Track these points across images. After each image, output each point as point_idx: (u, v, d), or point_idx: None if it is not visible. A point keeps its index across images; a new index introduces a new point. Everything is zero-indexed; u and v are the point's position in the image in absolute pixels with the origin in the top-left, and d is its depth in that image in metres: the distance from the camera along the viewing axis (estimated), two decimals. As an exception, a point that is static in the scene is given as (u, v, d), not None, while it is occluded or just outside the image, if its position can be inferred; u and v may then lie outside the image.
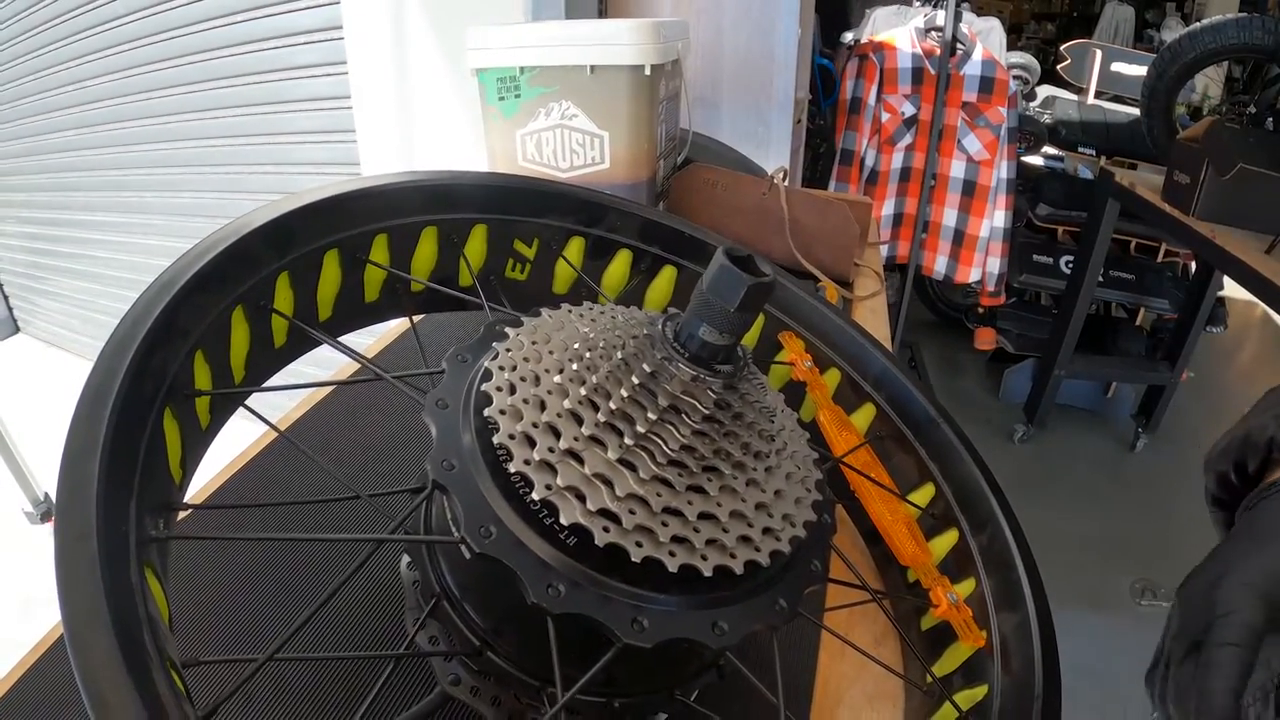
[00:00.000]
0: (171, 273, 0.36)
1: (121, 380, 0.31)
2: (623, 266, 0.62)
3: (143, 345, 0.33)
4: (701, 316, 0.32)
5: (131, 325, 0.33)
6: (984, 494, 0.52)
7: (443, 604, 0.36)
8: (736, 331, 0.32)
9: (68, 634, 0.24)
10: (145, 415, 0.32)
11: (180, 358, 0.35)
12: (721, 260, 0.30)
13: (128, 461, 0.30)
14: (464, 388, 0.34)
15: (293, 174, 2.54)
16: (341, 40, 2.02)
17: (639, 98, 0.99)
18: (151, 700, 0.23)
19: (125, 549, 0.27)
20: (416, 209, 0.51)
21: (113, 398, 0.30)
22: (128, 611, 0.25)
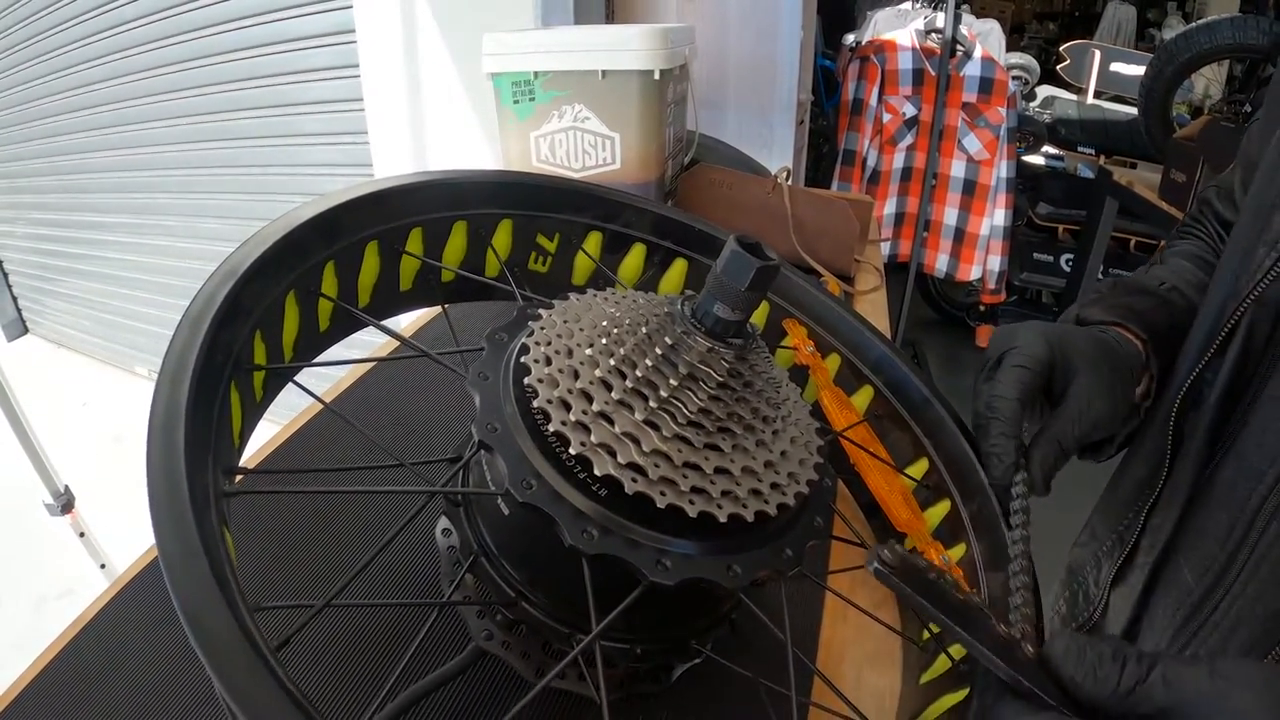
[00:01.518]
0: (236, 259, 0.40)
1: (198, 351, 0.35)
2: (637, 259, 0.66)
3: (214, 321, 0.37)
4: (716, 295, 0.36)
5: (205, 303, 0.37)
6: (974, 467, 0.57)
7: (480, 560, 0.40)
8: (746, 309, 0.36)
9: (167, 566, 0.28)
10: (217, 384, 0.36)
11: (243, 335, 0.40)
12: (733, 246, 0.35)
13: (206, 423, 0.34)
14: (502, 361, 0.38)
15: (305, 175, 2.59)
16: (354, 44, 2.07)
17: (648, 101, 1.04)
18: (241, 623, 0.27)
19: (208, 499, 0.31)
20: (448, 204, 0.55)
21: (192, 366, 0.34)
22: (215, 550, 0.29)
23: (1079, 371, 0.55)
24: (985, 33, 2.81)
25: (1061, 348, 0.55)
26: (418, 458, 0.64)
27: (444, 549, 0.46)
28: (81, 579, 2.39)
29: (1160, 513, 0.61)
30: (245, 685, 0.24)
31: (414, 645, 0.35)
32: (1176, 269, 0.70)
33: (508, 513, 0.38)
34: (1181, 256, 0.72)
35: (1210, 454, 0.57)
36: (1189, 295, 0.67)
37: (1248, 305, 0.53)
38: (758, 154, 1.99)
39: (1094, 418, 0.54)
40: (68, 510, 1.75)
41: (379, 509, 0.58)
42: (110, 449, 3.30)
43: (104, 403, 3.68)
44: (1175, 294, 0.67)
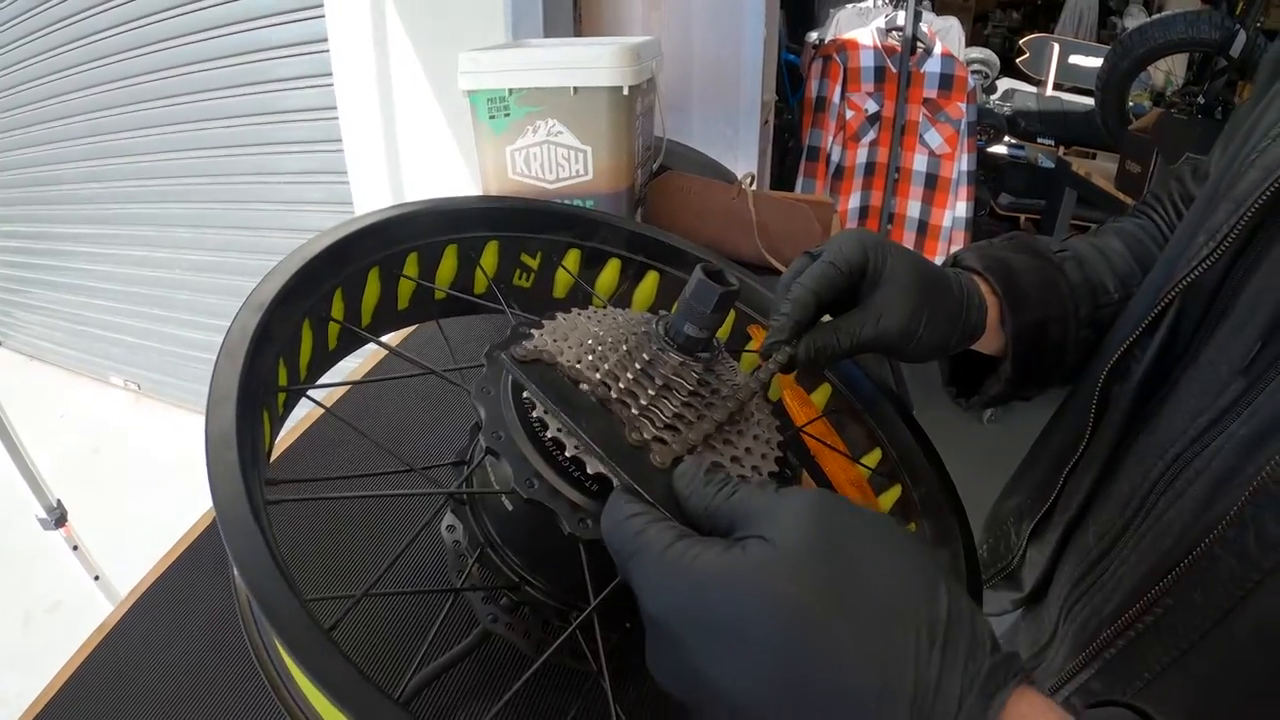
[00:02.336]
0: (262, 292, 0.45)
1: (239, 379, 0.40)
2: (613, 273, 0.72)
3: (249, 351, 0.42)
4: (685, 317, 0.42)
5: (240, 335, 0.43)
6: (921, 455, 0.63)
7: (487, 551, 0.46)
8: (712, 328, 0.42)
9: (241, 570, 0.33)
10: (255, 407, 0.41)
11: (271, 361, 0.45)
12: (699, 276, 0.41)
13: (249, 442, 0.39)
14: (501, 377, 0.44)
15: (277, 183, 2.61)
16: (327, 53, 2.10)
17: (618, 115, 1.09)
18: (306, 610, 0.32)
19: (259, 510, 0.36)
20: (441, 229, 0.61)
21: (235, 393, 0.39)
22: (275, 552, 0.34)
23: (885, 287, 0.57)
24: (945, 30, 2.88)
25: (878, 259, 0.57)
26: (414, 458, 0.70)
27: (449, 543, 0.52)
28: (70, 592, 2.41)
29: (1078, 476, 0.65)
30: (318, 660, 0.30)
31: (434, 628, 0.41)
32: (1102, 244, 0.72)
33: (511, 508, 0.44)
34: (1116, 234, 0.74)
35: (1128, 427, 0.60)
36: (1090, 270, 0.69)
37: (1180, 289, 0.55)
38: (723, 155, 2.05)
39: (883, 330, 0.56)
40: (61, 524, 1.78)
41: (387, 509, 0.64)
42: (89, 460, 3.30)
43: (80, 414, 3.68)
44: (1071, 263, 0.68)
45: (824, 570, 0.31)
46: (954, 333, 0.61)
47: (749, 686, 0.31)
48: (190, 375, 3.36)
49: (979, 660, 0.29)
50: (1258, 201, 0.49)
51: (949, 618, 0.30)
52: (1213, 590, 0.47)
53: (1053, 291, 0.66)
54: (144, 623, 0.60)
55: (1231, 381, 0.51)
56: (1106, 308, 0.69)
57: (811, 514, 0.33)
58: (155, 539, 2.32)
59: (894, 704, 0.28)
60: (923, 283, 0.58)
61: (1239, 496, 0.46)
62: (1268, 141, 0.51)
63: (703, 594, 0.32)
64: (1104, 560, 0.59)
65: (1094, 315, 0.68)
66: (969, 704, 0.28)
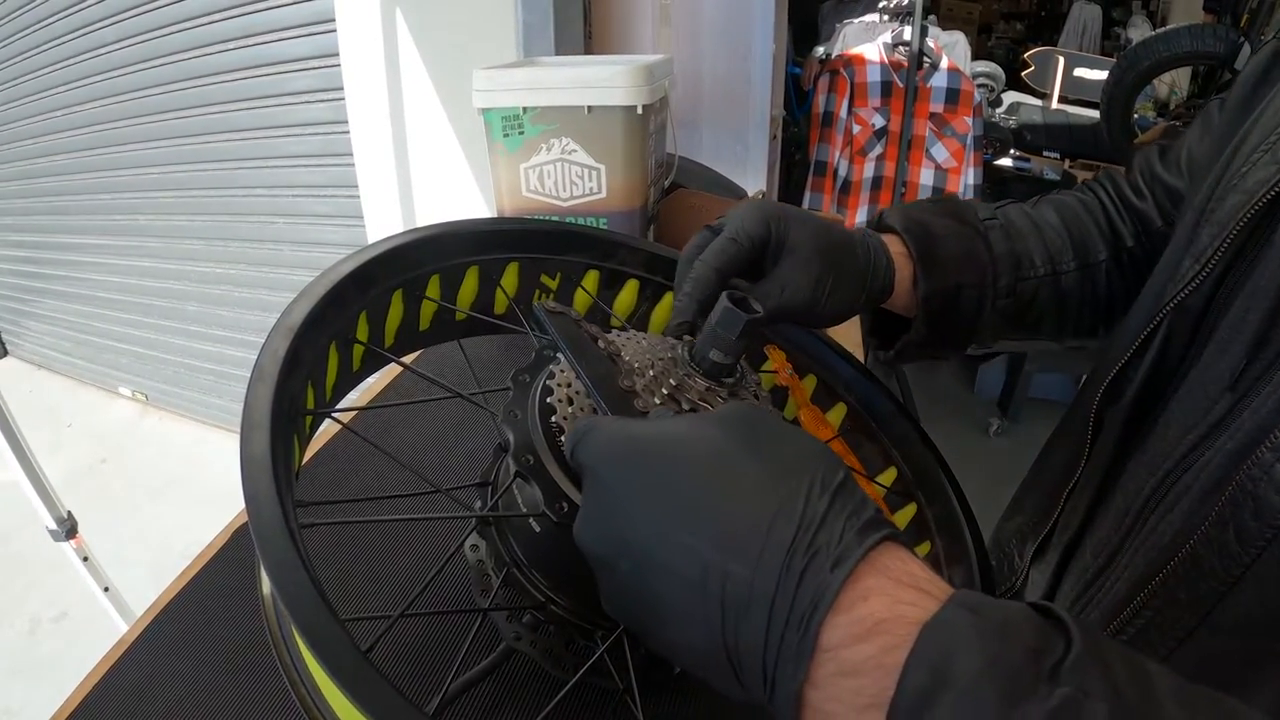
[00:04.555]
0: (293, 316, 0.46)
1: (273, 402, 0.41)
2: (631, 294, 0.72)
3: (280, 375, 0.43)
4: (711, 344, 0.43)
5: (271, 359, 0.43)
6: (937, 474, 0.64)
7: (513, 571, 0.47)
8: (737, 354, 0.43)
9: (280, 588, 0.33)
10: (287, 430, 0.42)
11: (300, 385, 0.46)
12: (725, 303, 0.42)
13: (283, 465, 0.40)
14: (528, 401, 0.45)
15: (286, 196, 2.63)
16: (338, 68, 2.12)
17: (632, 134, 1.10)
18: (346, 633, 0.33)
19: (295, 534, 0.37)
20: (463, 252, 0.61)
21: (269, 416, 0.40)
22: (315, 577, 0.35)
23: (788, 258, 0.59)
24: (951, 44, 2.91)
25: (780, 230, 0.59)
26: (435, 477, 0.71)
27: (473, 562, 0.53)
28: (77, 602, 2.42)
29: (1076, 497, 0.67)
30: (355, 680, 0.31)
31: (464, 647, 0.41)
32: (1037, 215, 0.73)
33: (538, 530, 0.44)
34: (1054, 207, 0.75)
35: (1122, 446, 0.62)
36: (1017, 241, 0.71)
37: (1168, 312, 0.57)
38: (733, 171, 2.06)
39: (786, 301, 0.59)
40: (72, 535, 1.79)
41: (412, 529, 0.65)
42: (98, 470, 3.32)
43: (87, 424, 3.69)
44: (997, 233, 0.70)
45: (743, 428, 0.36)
46: (859, 297, 0.63)
47: (669, 517, 0.34)
48: (198, 386, 3.37)
49: (862, 514, 0.33)
50: (1239, 224, 0.52)
51: (842, 482, 0.34)
52: (1197, 588, 0.49)
53: (971, 259, 0.68)
54: (159, 645, 0.61)
55: (1219, 399, 0.52)
56: (1029, 280, 0.70)
57: (740, 405, 0.39)
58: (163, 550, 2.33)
59: (785, 525, 0.32)
60: (825, 251, 0.60)
61: (1220, 500, 0.48)
62: (1248, 167, 0.53)
63: (636, 442, 0.37)
64: (1101, 577, 0.61)
65: (1014, 287, 0.69)
66: (848, 539, 0.32)
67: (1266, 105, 0.56)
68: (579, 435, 0.39)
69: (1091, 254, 0.73)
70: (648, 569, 0.34)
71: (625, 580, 0.36)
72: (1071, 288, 0.72)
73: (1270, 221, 0.51)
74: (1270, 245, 0.51)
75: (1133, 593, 0.55)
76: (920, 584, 0.31)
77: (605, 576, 0.37)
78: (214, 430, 3.41)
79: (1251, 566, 0.46)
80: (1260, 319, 0.50)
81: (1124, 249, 0.73)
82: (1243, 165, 0.54)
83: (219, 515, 0.70)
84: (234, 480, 0.37)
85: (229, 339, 3.11)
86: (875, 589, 0.31)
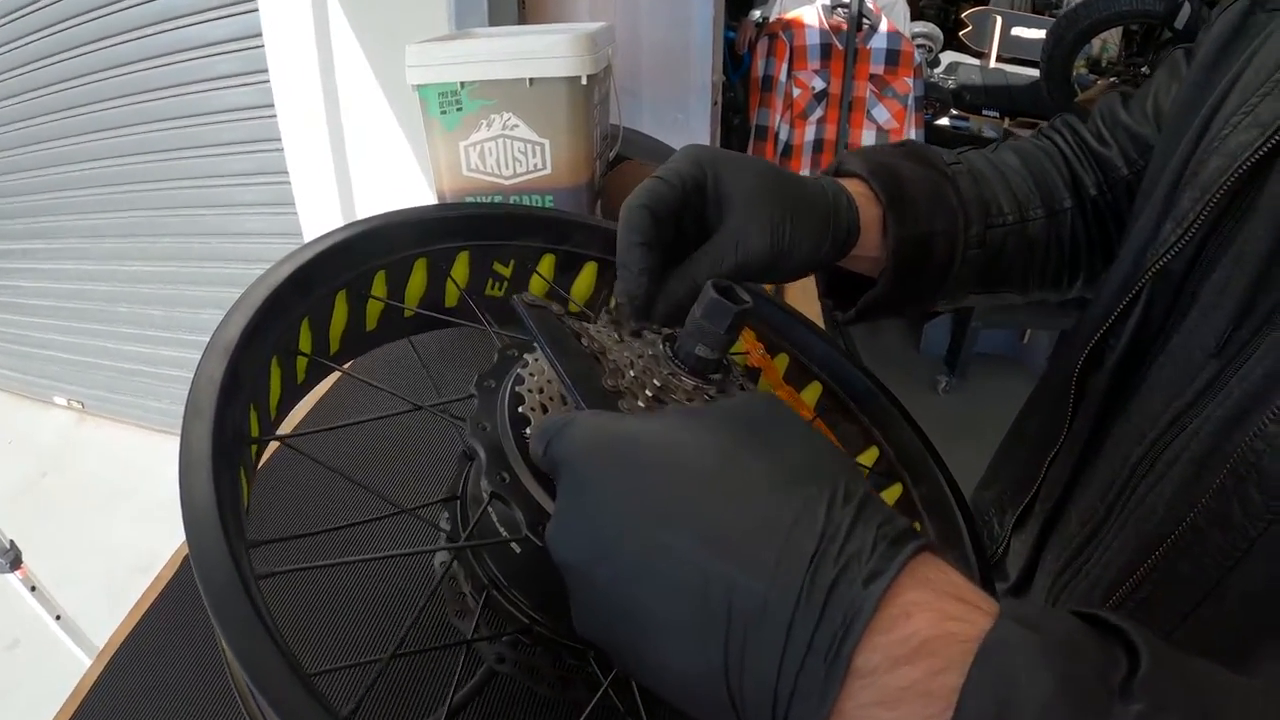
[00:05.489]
0: (228, 333, 0.41)
1: (213, 436, 0.36)
2: (589, 278, 0.68)
3: (219, 404, 0.37)
4: (696, 338, 0.39)
5: (207, 386, 0.38)
6: (921, 452, 0.61)
7: (493, 593, 0.43)
8: (725, 348, 0.39)
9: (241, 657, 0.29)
10: (232, 464, 0.37)
11: (242, 409, 0.41)
12: (711, 294, 0.38)
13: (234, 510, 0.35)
14: (496, 410, 0.41)
15: (215, 186, 2.53)
16: (261, 49, 2.02)
17: (576, 106, 1.06)
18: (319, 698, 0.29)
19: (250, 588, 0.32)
20: (410, 243, 0.57)
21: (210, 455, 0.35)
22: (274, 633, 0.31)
23: (734, 207, 0.52)
24: (889, 5, 2.89)
25: (716, 172, 0.52)
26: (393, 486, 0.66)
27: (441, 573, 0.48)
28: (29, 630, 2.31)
29: (1058, 465, 0.66)
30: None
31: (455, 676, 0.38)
32: (999, 160, 0.70)
33: (519, 550, 0.40)
34: (1015, 151, 0.71)
35: (1105, 414, 0.61)
36: (984, 186, 0.66)
37: (1149, 277, 0.56)
38: (675, 139, 2.02)
39: (745, 257, 0.51)
40: (16, 566, 1.70)
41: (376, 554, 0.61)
42: (38, 485, 3.19)
43: (23, 437, 3.55)
44: (965, 177, 0.65)
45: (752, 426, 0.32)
46: (823, 242, 0.55)
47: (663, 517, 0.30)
48: (136, 390, 3.25)
49: (894, 524, 0.29)
50: (1222, 188, 0.51)
51: (867, 493, 0.30)
52: (1201, 562, 0.48)
53: (942, 204, 0.62)
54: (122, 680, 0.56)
55: (1205, 365, 0.52)
56: (997, 228, 0.66)
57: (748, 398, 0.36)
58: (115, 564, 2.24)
59: (805, 534, 0.28)
60: (773, 191, 0.53)
61: (1220, 471, 0.48)
62: (1229, 130, 0.52)
63: (623, 436, 0.33)
64: (1088, 547, 0.60)
65: (984, 235, 0.65)
66: (881, 549, 0.28)
67: (1244, 66, 0.55)
68: (554, 429, 0.34)
69: (1057, 201, 0.69)
70: (633, 577, 0.30)
71: (604, 592, 0.31)
72: (1038, 236, 0.69)
73: (1252, 186, 0.51)
74: (1254, 210, 0.50)
75: (1132, 565, 0.54)
76: (966, 596, 0.28)
77: (580, 589, 0.32)
78: (156, 434, 3.29)
79: (1258, 540, 0.45)
80: (1245, 284, 0.50)
81: (1087, 197, 0.70)
82: (1223, 128, 0.53)
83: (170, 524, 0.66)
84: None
85: (164, 339, 2.99)
86: (918, 604, 0.27)
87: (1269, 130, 0.49)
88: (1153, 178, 0.61)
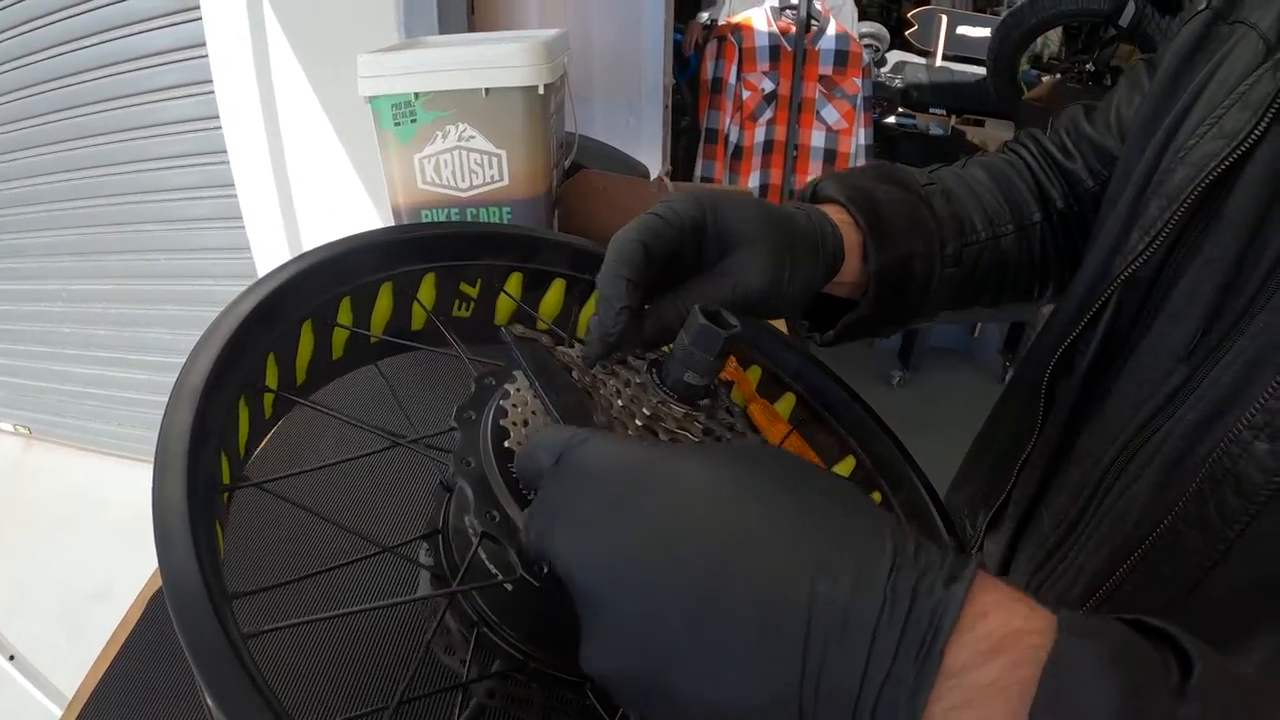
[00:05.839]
0: (193, 379, 0.39)
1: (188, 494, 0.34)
2: (557, 295, 0.67)
3: (190, 454, 0.36)
4: (685, 364, 0.38)
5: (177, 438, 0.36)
6: (899, 460, 0.62)
7: (484, 631, 0.42)
8: (714, 374, 0.39)
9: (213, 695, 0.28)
10: (208, 518, 0.35)
11: (213, 456, 0.39)
12: (700, 320, 0.37)
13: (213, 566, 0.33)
14: (479, 443, 0.39)
15: (160, 201, 2.44)
16: (205, 58, 1.97)
17: (533, 116, 1.04)
18: None
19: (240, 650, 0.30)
20: (375, 268, 0.55)
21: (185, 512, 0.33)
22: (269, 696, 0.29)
23: (735, 246, 0.51)
24: (838, 6, 2.91)
25: (716, 213, 0.51)
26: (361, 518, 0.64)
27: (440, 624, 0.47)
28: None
29: (1030, 468, 0.68)
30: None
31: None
32: (970, 177, 0.71)
33: (510, 589, 0.39)
34: (983, 167, 0.73)
35: (1075, 417, 0.63)
36: (958, 205, 0.67)
37: (1118, 284, 0.57)
38: (627, 144, 2.01)
39: (743, 292, 0.51)
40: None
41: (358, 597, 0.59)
42: (-22, 516, 3.08)
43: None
44: (939, 198, 0.66)
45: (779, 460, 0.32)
46: (817, 275, 0.56)
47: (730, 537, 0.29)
48: (84, 413, 3.14)
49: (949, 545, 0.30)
50: (1189, 197, 0.52)
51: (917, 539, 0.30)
52: (1180, 563, 0.50)
53: (919, 226, 0.63)
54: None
55: (1174, 370, 0.53)
56: (972, 245, 0.67)
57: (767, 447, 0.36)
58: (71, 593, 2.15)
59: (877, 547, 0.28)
60: (771, 227, 0.53)
61: (1196, 475, 0.49)
62: (1195, 140, 0.53)
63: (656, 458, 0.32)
64: (1061, 548, 0.62)
65: (959, 253, 0.66)
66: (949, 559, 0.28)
67: (1207, 78, 0.56)
68: (565, 443, 0.33)
69: (1026, 215, 0.70)
70: (698, 607, 0.28)
71: (648, 624, 0.28)
72: (1010, 251, 0.70)
73: (1218, 195, 0.52)
74: (1219, 218, 0.52)
75: (1111, 565, 0.55)
76: (1027, 599, 0.28)
77: (609, 621, 0.30)
78: (107, 458, 3.19)
79: (1236, 542, 0.47)
80: (1214, 290, 0.51)
81: (1054, 210, 0.72)
82: (1189, 139, 0.54)
83: (124, 548, 0.63)
84: (136, 511, 0.31)
85: (111, 360, 2.89)
86: (993, 604, 0.27)
87: (1234, 141, 0.50)
88: (1117, 186, 0.63)
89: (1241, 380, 0.48)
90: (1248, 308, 0.49)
